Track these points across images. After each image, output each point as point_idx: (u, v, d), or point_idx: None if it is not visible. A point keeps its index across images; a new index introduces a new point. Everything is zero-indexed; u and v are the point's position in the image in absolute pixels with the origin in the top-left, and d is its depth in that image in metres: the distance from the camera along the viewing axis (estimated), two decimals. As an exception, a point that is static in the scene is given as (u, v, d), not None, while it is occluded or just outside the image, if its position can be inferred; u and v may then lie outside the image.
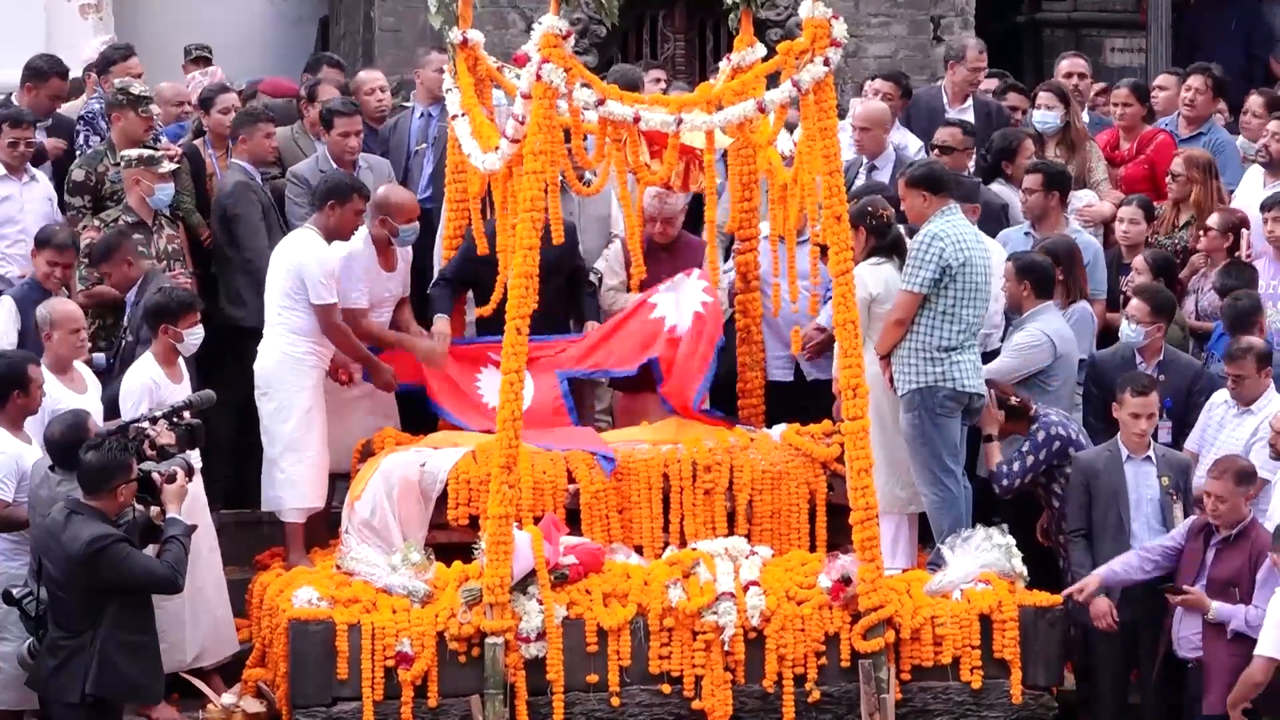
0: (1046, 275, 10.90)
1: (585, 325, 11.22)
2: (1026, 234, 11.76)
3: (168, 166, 11.34)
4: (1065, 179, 11.96)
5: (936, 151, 12.19)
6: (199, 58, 14.13)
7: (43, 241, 10.91)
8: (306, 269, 10.57)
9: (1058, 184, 11.80)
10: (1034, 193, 11.73)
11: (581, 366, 11.06)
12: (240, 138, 11.75)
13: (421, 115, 12.69)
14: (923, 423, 10.20)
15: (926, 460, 10.24)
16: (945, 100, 13.33)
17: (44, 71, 12.42)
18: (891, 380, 10.29)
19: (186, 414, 9.71)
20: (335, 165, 11.74)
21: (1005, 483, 10.42)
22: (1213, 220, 11.78)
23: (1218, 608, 9.54)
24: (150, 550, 9.15)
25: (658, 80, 13.42)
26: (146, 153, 11.35)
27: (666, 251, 11.28)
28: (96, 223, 11.31)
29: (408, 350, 11.03)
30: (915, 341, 10.22)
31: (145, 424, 9.52)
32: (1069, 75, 13.77)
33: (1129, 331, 10.91)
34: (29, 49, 13.12)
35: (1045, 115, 12.82)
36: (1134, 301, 10.97)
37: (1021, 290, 10.85)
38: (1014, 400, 10.52)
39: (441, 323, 11.11)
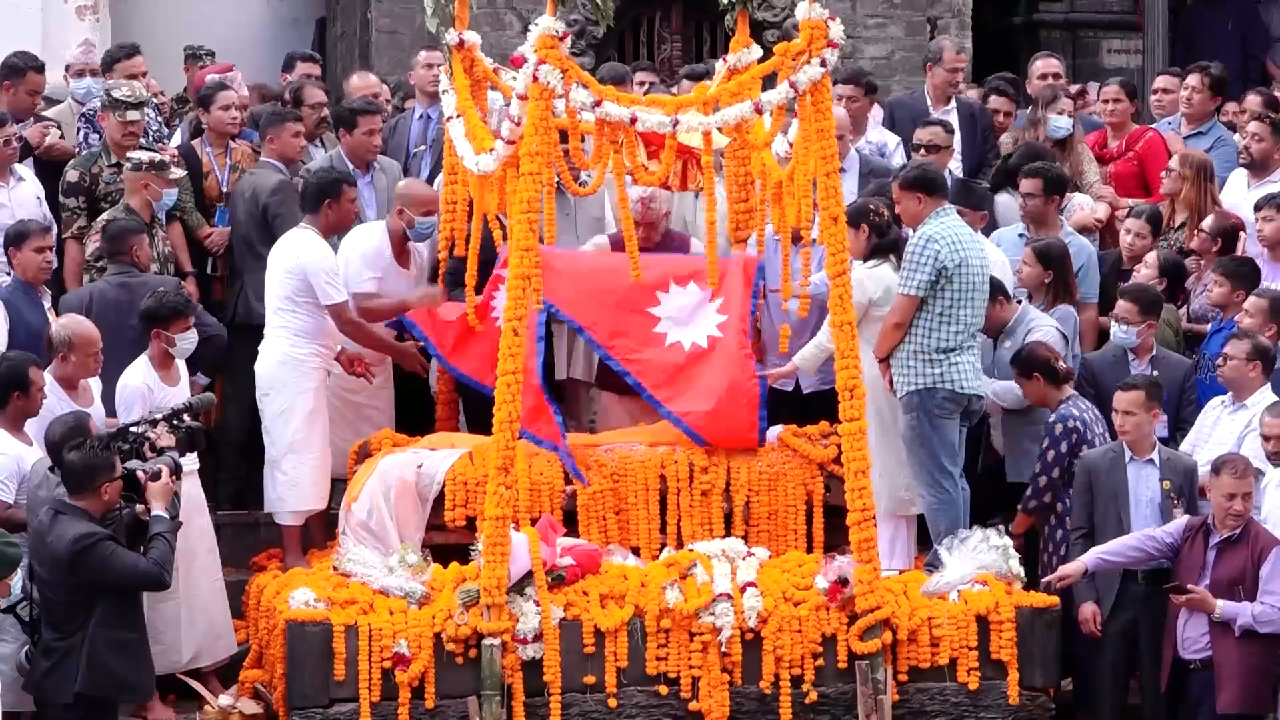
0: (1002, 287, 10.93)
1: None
2: (1020, 235, 11.76)
3: (177, 172, 11.33)
4: (1064, 183, 11.95)
5: (922, 151, 12.18)
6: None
7: (20, 237, 10.70)
8: (310, 271, 10.57)
9: (1058, 189, 11.79)
10: (1034, 198, 11.69)
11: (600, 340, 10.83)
12: (269, 137, 11.74)
13: (420, 117, 12.69)
14: (921, 424, 10.20)
15: (925, 462, 10.24)
16: (928, 103, 13.30)
17: (20, 68, 12.22)
18: (891, 383, 10.30)
19: (186, 417, 9.71)
20: (353, 165, 11.73)
21: (1034, 503, 10.41)
22: (1206, 223, 11.79)
23: (1224, 606, 9.53)
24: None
25: (643, 84, 13.40)
26: (157, 157, 11.31)
27: (652, 251, 11.24)
28: (95, 225, 11.29)
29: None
30: (913, 344, 10.22)
31: (145, 427, 9.52)
32: (1043, 76, 13.73)
33: (1120, 334, 10.92)
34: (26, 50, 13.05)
35: (1067, 122, 12.77)
36: (1120, 303, 10.95)
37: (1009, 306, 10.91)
38: (1061, 365, 10.48)
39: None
